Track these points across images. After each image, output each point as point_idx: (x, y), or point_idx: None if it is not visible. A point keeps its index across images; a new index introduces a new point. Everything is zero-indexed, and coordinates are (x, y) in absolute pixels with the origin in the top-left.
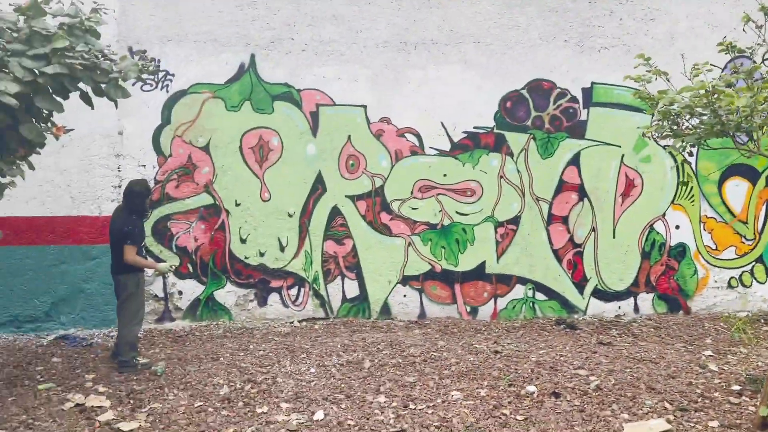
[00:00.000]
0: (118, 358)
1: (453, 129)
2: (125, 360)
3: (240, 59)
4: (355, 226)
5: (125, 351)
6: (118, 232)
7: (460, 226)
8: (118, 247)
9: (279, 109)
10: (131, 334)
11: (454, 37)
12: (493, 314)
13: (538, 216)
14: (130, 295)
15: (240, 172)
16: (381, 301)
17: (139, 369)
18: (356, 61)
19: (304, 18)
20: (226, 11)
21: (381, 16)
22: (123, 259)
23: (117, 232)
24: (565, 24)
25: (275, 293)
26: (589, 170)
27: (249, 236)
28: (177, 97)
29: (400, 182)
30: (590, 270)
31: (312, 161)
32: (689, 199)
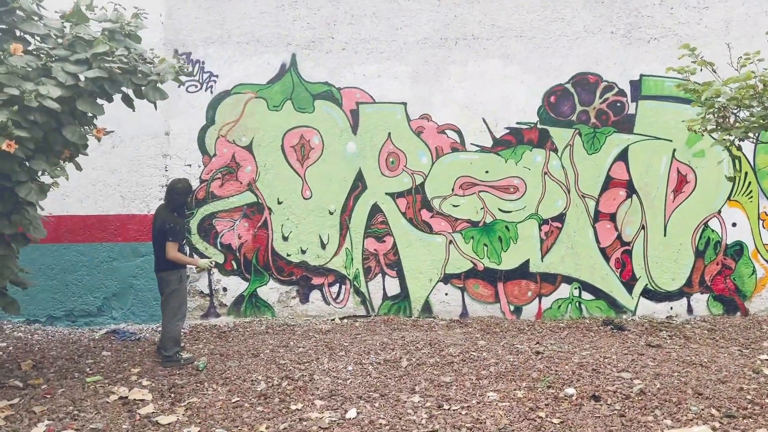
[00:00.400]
0: (162, 353)
1: (495, 125)
2: (169, 355)
3: (281, 59)
4: (396, 223)
5: (169, 346)
6: (160, 229)
7: (503, 224)
8: (160, 244)
9: (319, 107)
10: (175, 329)
11: (496, 32)
12: (537, 314)
13: (584, 213)
14: (173, 291)
15: (282, 170)
16: (422, 300)
17: (183, 364)
18: (396, 58)
19: (344, 16)
20: (268, 12)
21: (421, 12)
22: (165, 256)
23: (159, 229)
24: (611, 15)
25: (317, 290)
26: (638, 166)
27: (291, 234)
28: (221, 98)
29: (440, 179)
30: (639, 269)
31: (352, 159)
32: (747, 195)
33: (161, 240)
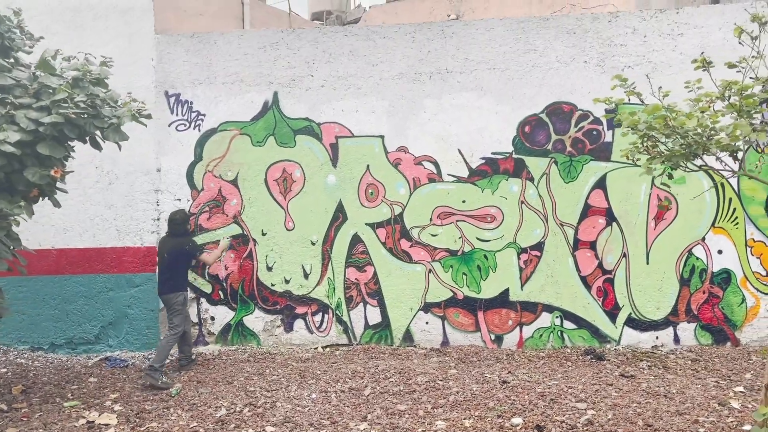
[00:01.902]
0: (150, 364)
1: (471, 156)
2: (155, 367)
3: (264, 97)
4: (376, 253)
5: (158, 358)
6: (177, 254)
7: (482, 253)
8: (171, 268)
9: (301, 142)
10: (168, 345)
11: (469, 65)
12: (519, 343)
13: (563, 241)
14: (176, 310)
15: (266, 203)
16: (403, 328)
17: (160, 385)
18: (373, 94)
19: (323, 55)
20: (251, 53)
21: (396, 48)
22: (176, 277)
23: (175, 254)
24: (584, 45)
25: (300, 319)
26: (616, 193)
27: (275, 264)
28: (208, 135)
29: (418, 209)
30: (623, 298)
31: (333, 191)
32: (732, 222)
33: (175, 264)
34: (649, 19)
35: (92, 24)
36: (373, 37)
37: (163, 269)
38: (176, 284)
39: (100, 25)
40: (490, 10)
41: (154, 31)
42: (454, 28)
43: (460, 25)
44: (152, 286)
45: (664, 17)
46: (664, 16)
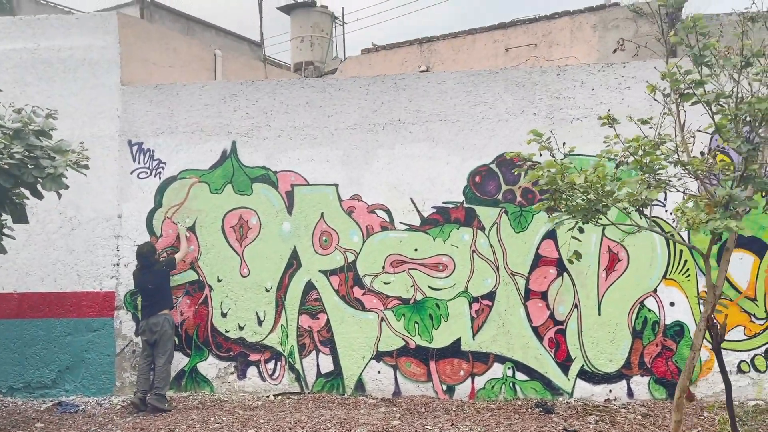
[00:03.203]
0: (156, 392)
1: (422, 205)
2: (162, 393)
3: (223, 146)
4: (329, 300)
5: (162, 385)
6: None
7: (434, 301)
8: (156, 291)
9: (257, 190)
10: (168, 369)
11: (421, 116)
12: (471, 394)
13: (514, 291)
14: (165, 333)
15: (222, 249)
16: (355, 377)
17: (165, 408)
18: (328, 143)
19: (280, 106)
20: (211, 104)
21: (350, 100)
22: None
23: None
24: (533, 97)
25: (254, 366)
26: (567, 244)
27: (229, 310)
28: (168, 183)
29: (371, 257)
30: (575, 349)
31: (287, 238)
32: (684, 274)
33: (160, 286)
34: (596, 73)
35: (62, 76)
36: (329, 89)
37: (147, 297)
38: (164, 303)
39: (69, 77)
40: (459, 62)
41: (121, 82)
42: (406, 80)
43: (412, 77)
44: (110, 330)
45: (611, 71)
46: (611, 70)
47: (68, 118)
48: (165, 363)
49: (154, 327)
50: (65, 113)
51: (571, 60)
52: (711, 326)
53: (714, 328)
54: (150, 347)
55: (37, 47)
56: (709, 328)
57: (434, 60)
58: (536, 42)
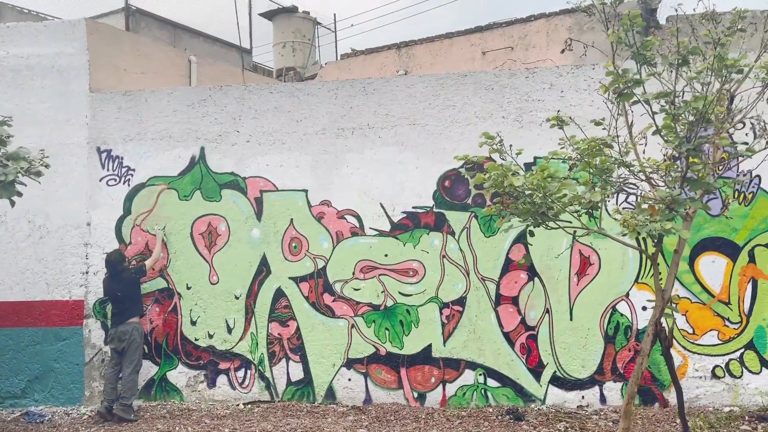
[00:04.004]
0: (121, 402)
1: (392, 210)
2: (128, 404)
3: (191, 152)
4: (299, 307)
5: (128, 395)
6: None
7: (404, 307)
8: (126, 298)
9: (226, 196)
10: (136, 379)
11: (390, 121)
12: (442, 401)
13: (485, 296)
14: (133, 342)
15: (191, 256)
16: (326, 385)
17: (131, 418)
18: (297, 149)
19: (249, 111)
20: (180, 110)
21: (319, 105)
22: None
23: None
24: (502, 100)
25: (223, 375)
26: (537, 248)
27: (199, 318)
28: (137, 190)
29: (341, 263)
30: (547, 355)
31: (257, 244)
32: None
33: (131, 294)
34: (565, 75)
35: (30, 83)
36: (298, 93)
37: (116, 305)
38: (133, 311)
39: (38, 84)
40: (437, 66)
41: (89, 89)
42: (375, 85)
43: (381, 81)
44: (79, 339)
45: (580, 73)
46: (580, 72)
47: (37, 126)
48: (132, 372)
49: (123, 335)
50: (34, 121)
51: (547, 62)
52: (659, 331)
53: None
54: (118, 356)
55: (6, 55)
56: (657, 332)
57: (412, 64)
58: (513, 45)
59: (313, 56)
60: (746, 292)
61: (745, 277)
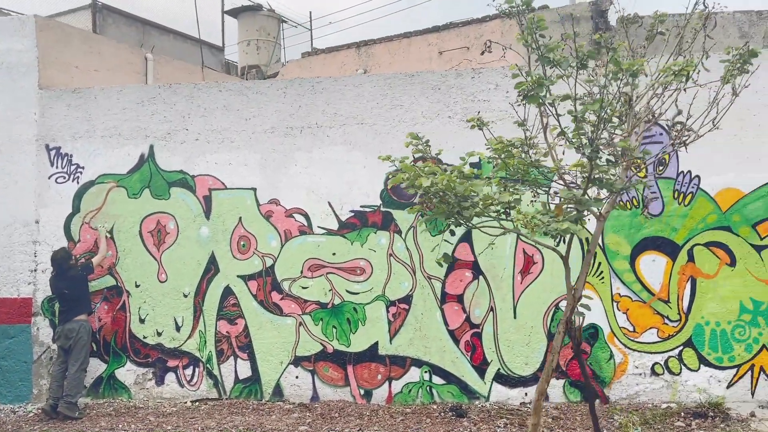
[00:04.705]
0: (66, 400)
1: (340, 208)
2: (73, 402)
3: (141, 150)
4: (247, 305)
5: (74, 393)
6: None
7: (351, 305)
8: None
9: (175, 194)
10: (82, 377)
11: (338, 120)
12: (388, 398)
13: (430, 295)
14: (80, 340)
15: (140, 254)
16: (273, 382)
17: (76, 416)
18: (246, 147)
19: (198, 110)
20: (129, 108)
21: (268, 103)
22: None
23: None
24: (448, 100)
25: (172, 373)
26: (482, 247)
27: (147, 316)
28: (86, 188)
29: (289, 262)
30: (491, 353)
31: (205, 243)
32: (598, 277)
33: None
34: (510, 75)
35: None
36: (246, 92)
37: (64, 303)
38: (80, 308)
39: None
40: (395, 65)
41: (39, 86)
42: (323, 84)
43: (330, 81)
44: (27, 337)
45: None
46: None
47: None
48: (78, 370)
49: (70, 333)
50: None
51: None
52: (570, 328)
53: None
54: (65, 354)
55: None
56: (568, 330)
57: (372, 63)
58: (469, 45)
59: (277, 54)
60: (685, 290)
61: (684, 276)
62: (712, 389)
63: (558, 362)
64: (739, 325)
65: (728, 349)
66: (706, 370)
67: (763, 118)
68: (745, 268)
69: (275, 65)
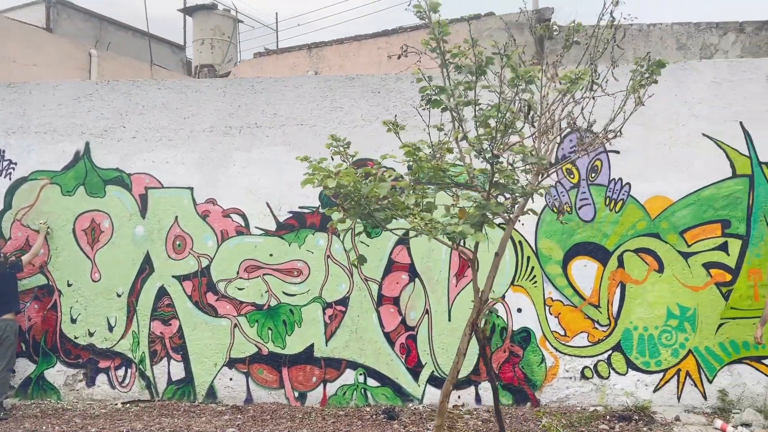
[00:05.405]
0: None
1: (278, 209)
2: None
3: (76, 147)
4: (182, 306)
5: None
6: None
7: (288, 307)
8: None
9: (110, 192)
10: (5, 378)
11: (278, 120)
12: (322, 401)
13: (367, 297)
14: (6, 339)
15: (73, 253)
16: (207, 384)
17: (2, 417)
18: (183, 146)
19: (135, 107)
20: (65, 104)
21: (208, 102)
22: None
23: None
24: (388, 104)
25: (103, 374)
26: (419, 250)
27: (79, 316)
28: (18, 184)
29: (226, 262)
30: (425, 355)
31: (140, 242)
32: (531, 280)
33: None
34: None
35: None
36: (186, 90)
37: None
38: (8, 307)
39: None
40: (345, 68)
41: None
42: (264, 84)
43: (270, 81)
44: None
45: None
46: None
47: None
48: (3, 370)
49: None
50: None
51: None
52: (476, 331)
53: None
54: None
55: None
56: (475, 332)
57: (322, 65)
58: None
59: (232, 54)
60: (615, 295)
61: (614, 281)
62: (640, 393)
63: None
64: (666, 330)
65: (655, 354)
66: (634, 374)
67: (692, 128)
68: (672, 274)
69: (227, 65)
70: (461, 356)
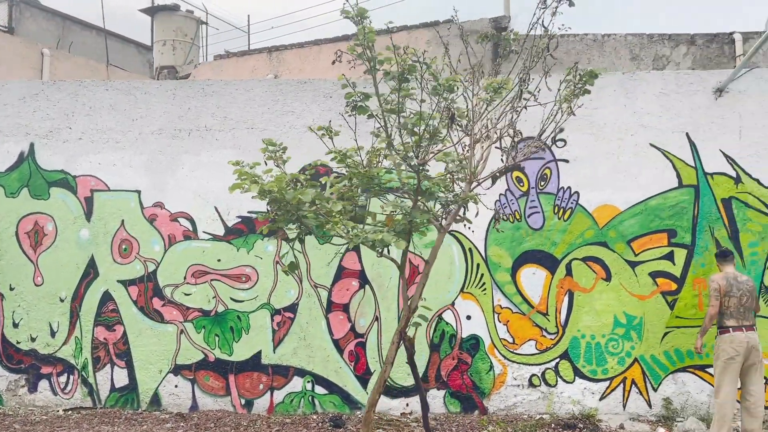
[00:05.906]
0: None
1: (227, 214)
2: None
3: (20, 148)
4: (126, 311)
5: None
6: None
7: (235, 314)
8: None
9: (55, 195)
10: None
11: (228, 123)
12: (269, 408)
13: (316, 303)
14: None
15: (15, 256)
16: (151, 391)
17: None
18: (131, 148)
19: (82, 108)
20: (10, 104)
21: (157, 104)
22: None
23: None
24: (340, 109)
25: (45, 380)
26: (369, 256)
27: (21, 321)
28: None
29: (173, 267)
30: (374, 362)
31: (85, 246)
32: (480, 288)
33: None
34: None
35: None
36: (134, 92)
37: None
38: None
39: None
40: (305, 71)
41: None
42: (214, 87)
43: (220, 84)
44: None
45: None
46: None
47: None
48: None
49: None
50: None
51: None
52: (404, 339)
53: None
54: None
55: None
56: (403, 341)
57: (282, 69)
58: None
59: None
60: (563, 303)
61: (563, 290)
62: (586, 401)
63: (440, 373)
64: (613, 339)
65: (602, 362)
66: (581, 382)
67: (640, 138)
68: (619, 283)
69: (187, 67)
70: (389, 365)
